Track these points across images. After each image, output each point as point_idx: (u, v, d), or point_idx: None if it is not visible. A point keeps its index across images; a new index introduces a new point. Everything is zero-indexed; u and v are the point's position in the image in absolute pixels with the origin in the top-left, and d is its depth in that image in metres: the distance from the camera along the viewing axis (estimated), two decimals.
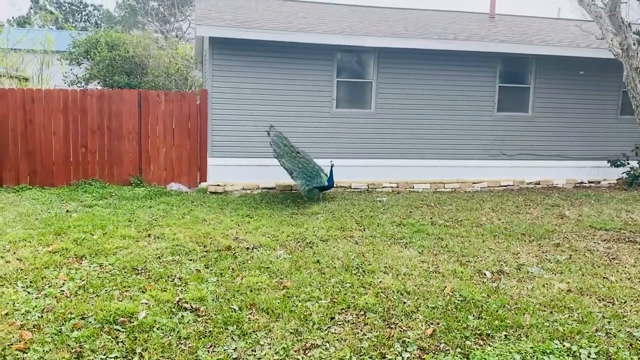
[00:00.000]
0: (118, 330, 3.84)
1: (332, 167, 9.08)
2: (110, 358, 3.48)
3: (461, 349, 3.74)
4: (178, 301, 4.35)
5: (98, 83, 17.86)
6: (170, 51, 19.59)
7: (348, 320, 4.11)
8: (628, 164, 11.65)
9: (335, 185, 9.19)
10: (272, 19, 10.91)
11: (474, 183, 11.03)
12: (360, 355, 3.62)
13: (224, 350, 3.64)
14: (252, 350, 3.65)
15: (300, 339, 3.81)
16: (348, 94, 10.89)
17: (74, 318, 3.97)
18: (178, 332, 3.85)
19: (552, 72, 11.54)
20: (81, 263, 5.30)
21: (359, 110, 10.85)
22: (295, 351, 3.66)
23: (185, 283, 4.81)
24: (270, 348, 3.68)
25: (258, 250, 5.89)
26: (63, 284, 4.69)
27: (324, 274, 5.14)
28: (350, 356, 3.61)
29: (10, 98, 9.55)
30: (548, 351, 3.71)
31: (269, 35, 9.88)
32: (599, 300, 4.64)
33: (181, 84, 18.44)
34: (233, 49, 10.08)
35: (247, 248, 5.97)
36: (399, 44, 10.56)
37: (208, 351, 3.63)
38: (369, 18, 12.31)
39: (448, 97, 11.12)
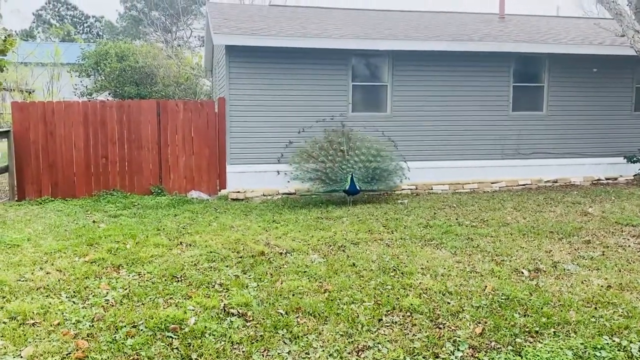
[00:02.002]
0: (171, 337, 3.88)
1: (352, 175, 9.15)
2: None
3: (512, 346, 3.77)
4: (224, 307, 4.39)
5: (108, 94, 18.00)
6: (178, 60, 19.71)
7: (395, 322, 4.15)
8: None
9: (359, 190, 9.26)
10: (287, 25, 11.00)
11: (492, 183, 11.06)
12: (414, 356, 3.65)
13: (278, 354, 3.68)
14: (306, 353, 3.69)
15: (352, 341, 3.85)
16: (364, 98, 10.96)
17: (125, 326, 4.02)
18: (230, 337, 3.89)
19: (565, 70, 11.59)
20: (119, 272, 5.35)
21: (375, 114, 10.91)
22: (349, 353, 3.69)
23: (227, 289, 4.85)
24: (323, 350, 3.72)
25: (292, 255, 5.93)
26: (106, 293, 4.74)
27: (362, 276, 5.18)
28: (404, 357, 3.64)
29: (31, 111, 9.64)
30: (599, 346, 3.74)
31: (286, 41, 9.95)
32: None
33: (191, 93, 18.56)
34: (250, 56, 10.16)
35: (281, 253, 6.02)
36: (413, 47, 10.64)
37: (262, 355, 3.67)
38: (381, 22, 12.39)
39: (463, 98, 11.18)
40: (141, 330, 3.96)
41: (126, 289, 4.82)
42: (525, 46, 11.02)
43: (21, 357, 3.59)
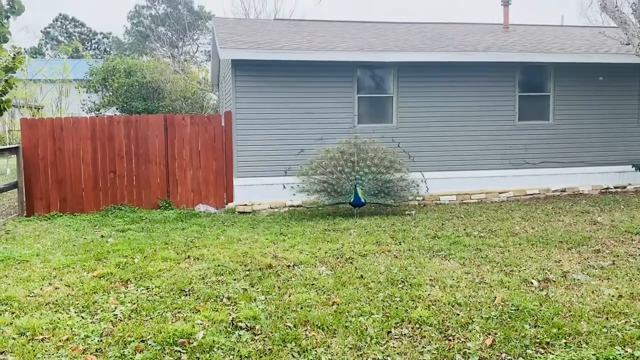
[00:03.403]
0: (179, 351, 3.87)
1: (356, 186, 9.15)
2: None
3: (523, 358, 3.73)
4: (232, 320, 4.38)
5: (116, 109, 18.15)
6: (185, 75, 19.87)
7: (405, 334, 4.12)
8: None
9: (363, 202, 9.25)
10: (293, 39, 11.07)
11: (499, 193, 11.02)
12: None
13: None
14: None
15: (360, 354, 3.82)
16: (369, 109, 10.98)
17: (134, 341, 4.01)
18: (238, 350, 3.88)
19: (571, 79, 11.57)
20: (128, 287, 5.36)
21: (381, 125, 10.92)
22: None
23: (235, 302, 4.84)
24: None
25: (299, 268, 5.92)
26: (115, 308, 4.74)
27: (370, 288, 5.15)
28: None
29: (40, 128, 9.73)
30: (611, 357, 3.69)
31: (292, 55, 10.03)
32: None
33: (198, 107, 18.68)
34: (255, 70, 10.23)
35: (288, 266, 6.01)
36: (418, 58, 10.68)
37: None
38: (384, 34, 12.45)
39: (468, 108, 11.17)
40: (150, 344, 3.96)
41: (134, 304, 4.82)
42: (530, 56, 11.03)
43: None
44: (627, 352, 3.77)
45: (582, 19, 43.36)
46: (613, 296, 4.82)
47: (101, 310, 4.68)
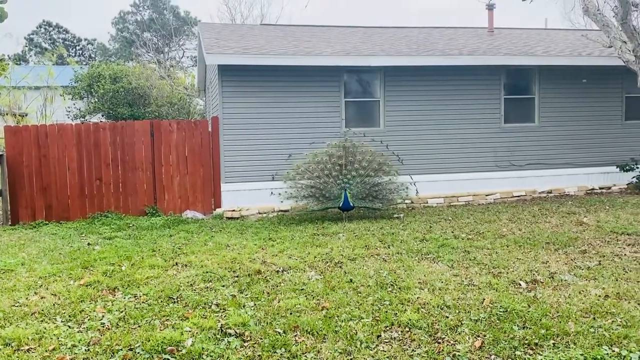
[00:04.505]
0: (168, 359, 3.83)
1: (345, 190, 9.16)
2: None
3: (512, 359, 3.75)
4: (221, 327, 4.35)
5: (102, 116, 18.00)
6: (171, 80, 19.79)
7: (394, 338, 4.12)
8: (637, 167, 11.75)
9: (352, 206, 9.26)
10: (279, 44, 11.09)
11: (486, 195, 11.10)
12: None
13: None
14: None
15: (351, 359, 3.82)
16: (357, 113, 11.02)
17: (122, 349, 3.97)
18: (228, 357, 3.85)
19: (555, 81, 11.70)
20: (115, 295, 5.30)
21: (368, 129, 10.92)
22: None
23: (224, 309, 4.81)
24: None
25: (288, 273, 5.90)
26: (102, 316, 4.69)
27: (359, 292, 5.15)
28: None
29: (24, 135, 9.63)
30: (599, 357, 3.73)
31: (278, 60, 10.03)
32: (639, 304, 4.66)
33: (184, 113, 18.60)
34: (242, 75, 10.22)
35: (277, 271, 5.99)
36: (404, 62, 10.74)
37: None
38: (370, 38, 12.51)
39: (455, 111, 11.25)
40: (138, 353, 3.92)
41: (122, 312, 4.77)
42: (515, 59, 11.14)
43: None
44: (614, 351, 3.80)
45: (565, 22, 43.93)
46: (600, 296, 4.87)
47: (88, 319, 4.62)
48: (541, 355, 3.79)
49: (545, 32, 14.81)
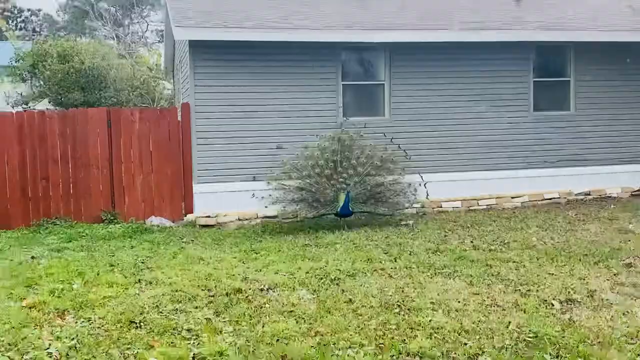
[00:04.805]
0: None
1: (347, 193, 9.17)
2: None
3: None
4: (193, 357, 4.38)
5: (49, 102, 17.94)
6: (133, 59, 19.78)
7: None
8: None
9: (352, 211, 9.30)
10: (265, 15, 11.07)
11: (512, 197, 11.16)
12: None
13: None
14: None
15: None
16: (357, 100, 11.06)
17: None
18: None
19: (594, 61, 11.76)
20: (65, 319, 5.31)
21: (371, 118, 10.94)
22: None
23: (197, 335, 4.83)
24: None
25: (275, 292, 5.94)
26: (49, 345, 4.69)
27: (360, 315, 5.19)
28: None
29: None
30: None
31: (263, 34, 10.05)
32: None
33: (149, 99, 18.58)
34: (219, 53, 10.22)
35: (261, 289, 6.02)
36: (414, 38, 10.76)
37: None
38: (375, 8, 12.51)
39: (475, 97, 11.27)
40: None
41: (73, 339, 4.78)
42: (547, 34, 11.20)
43: None
44: None
45: None
46: None
47: (32, 348, 4.62)
48: None
49: (581, 2, 14.87)
